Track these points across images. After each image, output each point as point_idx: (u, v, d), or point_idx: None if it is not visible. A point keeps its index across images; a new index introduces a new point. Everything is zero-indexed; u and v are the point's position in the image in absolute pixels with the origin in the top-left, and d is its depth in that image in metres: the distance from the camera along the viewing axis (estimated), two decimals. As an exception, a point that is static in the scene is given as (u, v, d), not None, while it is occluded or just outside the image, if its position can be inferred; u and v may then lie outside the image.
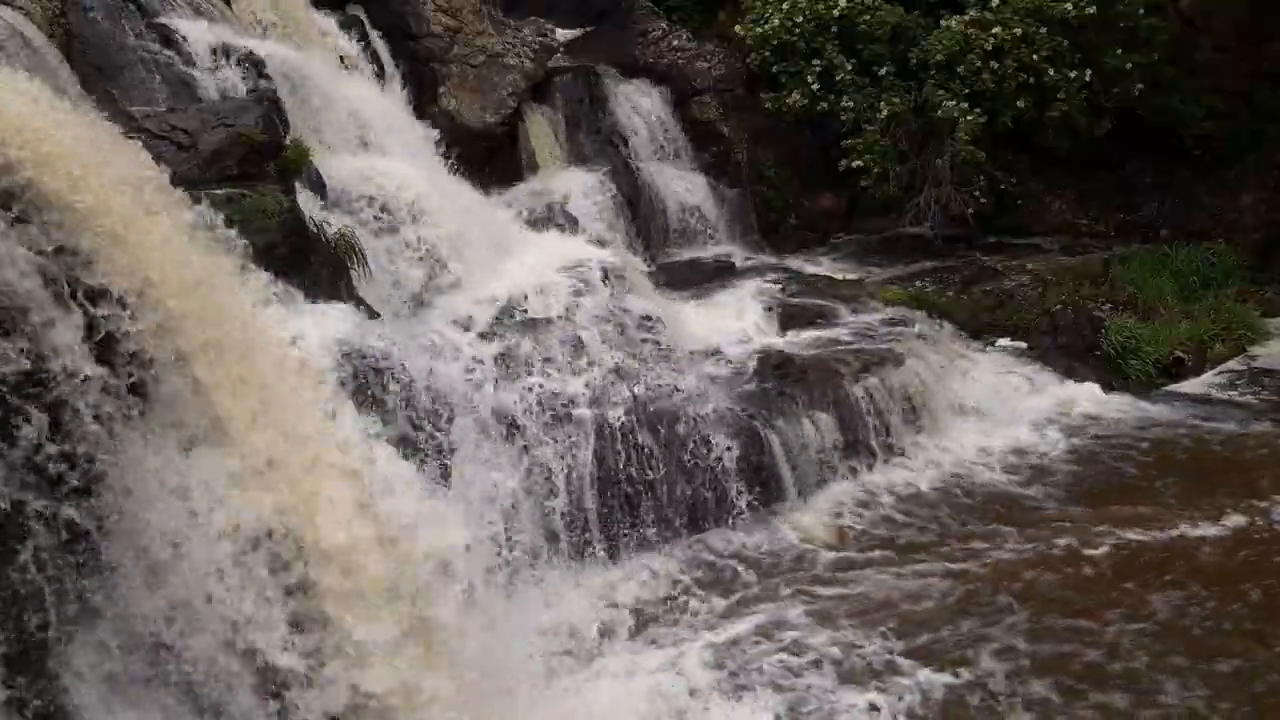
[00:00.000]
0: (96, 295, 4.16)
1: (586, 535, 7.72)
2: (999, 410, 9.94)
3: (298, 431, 4.91)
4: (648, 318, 9.01)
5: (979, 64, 12.21)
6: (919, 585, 7.34)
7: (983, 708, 6.12)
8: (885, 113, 12.52)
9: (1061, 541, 7.81)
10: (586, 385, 8.21)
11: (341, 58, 10.81)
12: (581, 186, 12.15)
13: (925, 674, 6.38)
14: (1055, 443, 9.45)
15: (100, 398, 4.12)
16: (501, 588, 6.89)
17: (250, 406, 4.76)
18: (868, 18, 12.69)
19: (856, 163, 12.75)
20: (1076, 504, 8.41)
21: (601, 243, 11.19)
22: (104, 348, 4.18)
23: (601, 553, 7.71)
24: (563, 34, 13.80)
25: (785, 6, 12.95)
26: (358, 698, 4.54)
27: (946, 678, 6.34)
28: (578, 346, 8.46)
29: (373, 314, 7.59)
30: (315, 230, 7.52)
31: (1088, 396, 10.25)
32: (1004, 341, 10.93)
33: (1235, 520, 7.97)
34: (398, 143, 9.94)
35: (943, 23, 12.51)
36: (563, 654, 6.63)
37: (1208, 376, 10.85)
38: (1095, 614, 6.92)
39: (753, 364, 9.31)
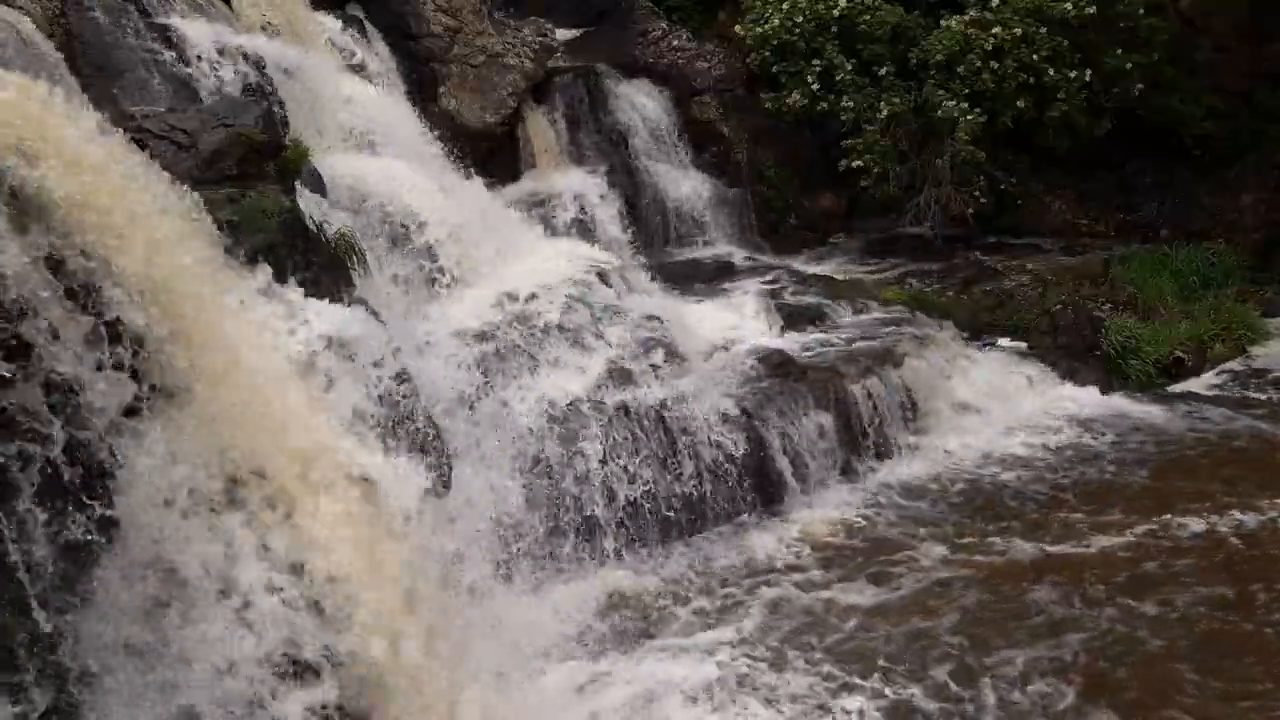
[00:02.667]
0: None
1: (587, 534, 7.71)
2: (999, 410, 9.95)
3: (296, 434, 4.90)
4: (648, 317, 9.01)
5: (979, 64, 12.21)
6: (919, 584, 7.34)
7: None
8: (885, 113, 12.52)
9: (1064, 539, 7.81)
10: (587, 385, 8.21)
11: (341, 57, 10.80)
12: (581, 187, 12.15)
13: (925, 674, 6.38)
14: (1056, 442, 9.45)
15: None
16: (501, 587, 6.88)
17: (248, 408, 4.75)
18: (868, 18, 12.69)
19: (856, 163, 12.75)
20: (1079, 502, 8.41)
21: (602, 243, 11.22)
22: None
23: (602, 551, 7.70)
24: (563, 34, 13.80)
25: (785, 6, 12.95)
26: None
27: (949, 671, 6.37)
28: (578, 346, 8.46)
29: (374, 314, 7.57)
30: (315, 230, 7.50)
31: (1088, 396, 10.28)
32: (1004, 341, 10.94)
33: (1241, 521, 7.96)
34: (398, 142, 9.93)
35: (943, 23, 12.52)
36: (561, 652, 6.62)
37: (1208, 376, 10.86)
38: (1096, 615, 6.92)
39: (753, 364, 9.30)
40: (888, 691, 6.21)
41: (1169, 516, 8.05)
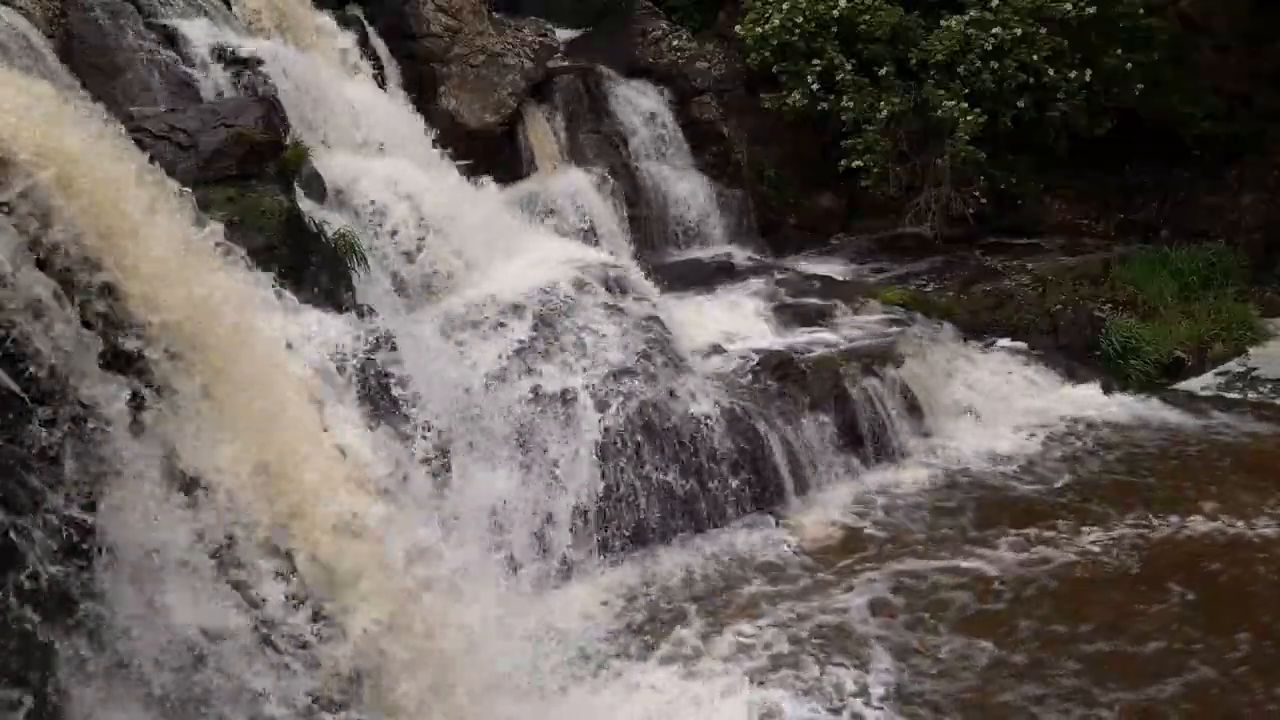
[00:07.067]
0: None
1: (584, 535, 7.71)
2: (999, 410, 9.95)
3: (297, 433, 4.91)
4: (648, 317, 9.01)
5: (979, 64, 12.21)
6: (918, 585, 7.34)
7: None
8: (885, 113, 12.52)
9: (1065, 540, 7.81)
10: (586, 385, 8.21)
11: (341, 57, 10.80)
12: (581, 187, 12.13)
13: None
14: (1056, 443, 9.44)
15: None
16: (498, 587, 6.88)
17: (248, 408, 4.75)
18: (868, 18, 12.68)
19: (856, 163, 12.75)
20: (1080, 503, 8.41)
21: (601, 243, 11.23)
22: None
23: (600, 553, 7.70)
24: (563, 34, 13.79)
25: (785, 6, 12.95)
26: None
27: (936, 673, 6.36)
28: (577, 346, 8.46)
29: (372, 313, 7.58)
30: (315, 230, 7.52)
31: (1088, 396, 10.27)
32: (1004, 341, 10.93)
33: (1240, 521, 7.95)
34: (397, 142, 9.93)
35: (943, 23, 12.51)
36: (559, 653, 6.62)
37: (1208, 376, 10.86)
38: (1093, 616, 6.92)
39: (753, 364, 9.31)
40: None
41: (1170, 516, 8.05)
